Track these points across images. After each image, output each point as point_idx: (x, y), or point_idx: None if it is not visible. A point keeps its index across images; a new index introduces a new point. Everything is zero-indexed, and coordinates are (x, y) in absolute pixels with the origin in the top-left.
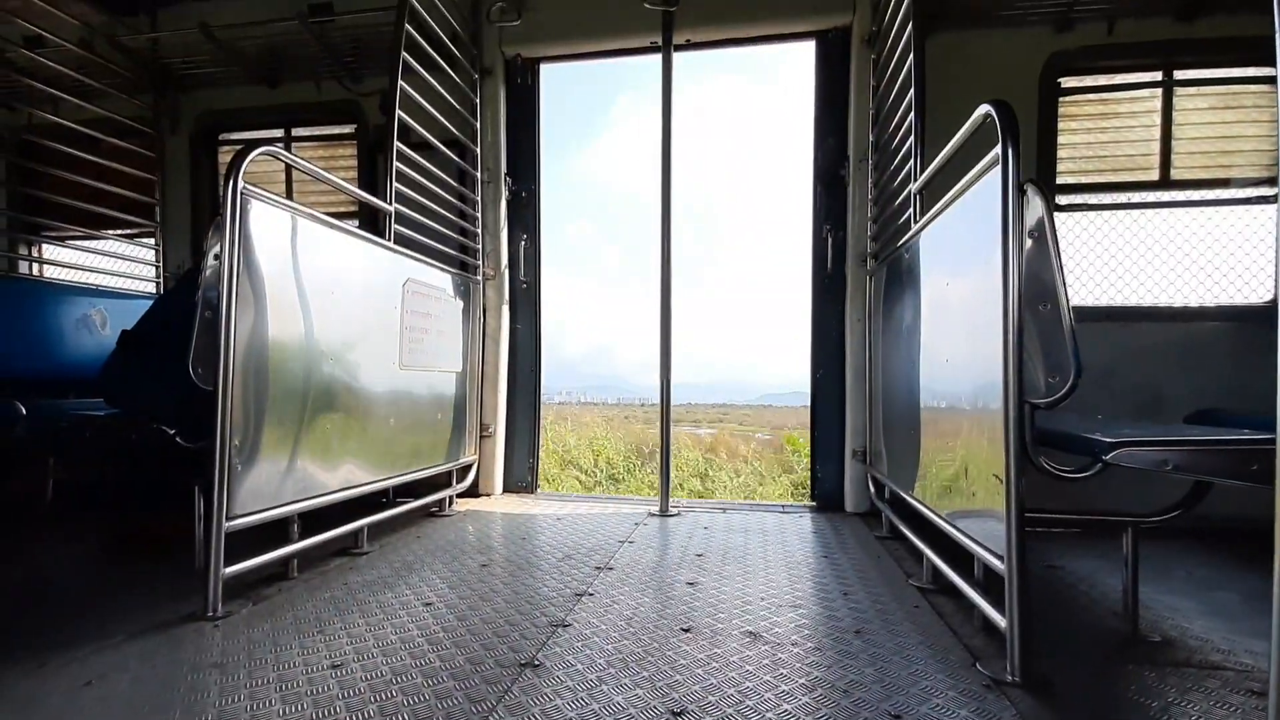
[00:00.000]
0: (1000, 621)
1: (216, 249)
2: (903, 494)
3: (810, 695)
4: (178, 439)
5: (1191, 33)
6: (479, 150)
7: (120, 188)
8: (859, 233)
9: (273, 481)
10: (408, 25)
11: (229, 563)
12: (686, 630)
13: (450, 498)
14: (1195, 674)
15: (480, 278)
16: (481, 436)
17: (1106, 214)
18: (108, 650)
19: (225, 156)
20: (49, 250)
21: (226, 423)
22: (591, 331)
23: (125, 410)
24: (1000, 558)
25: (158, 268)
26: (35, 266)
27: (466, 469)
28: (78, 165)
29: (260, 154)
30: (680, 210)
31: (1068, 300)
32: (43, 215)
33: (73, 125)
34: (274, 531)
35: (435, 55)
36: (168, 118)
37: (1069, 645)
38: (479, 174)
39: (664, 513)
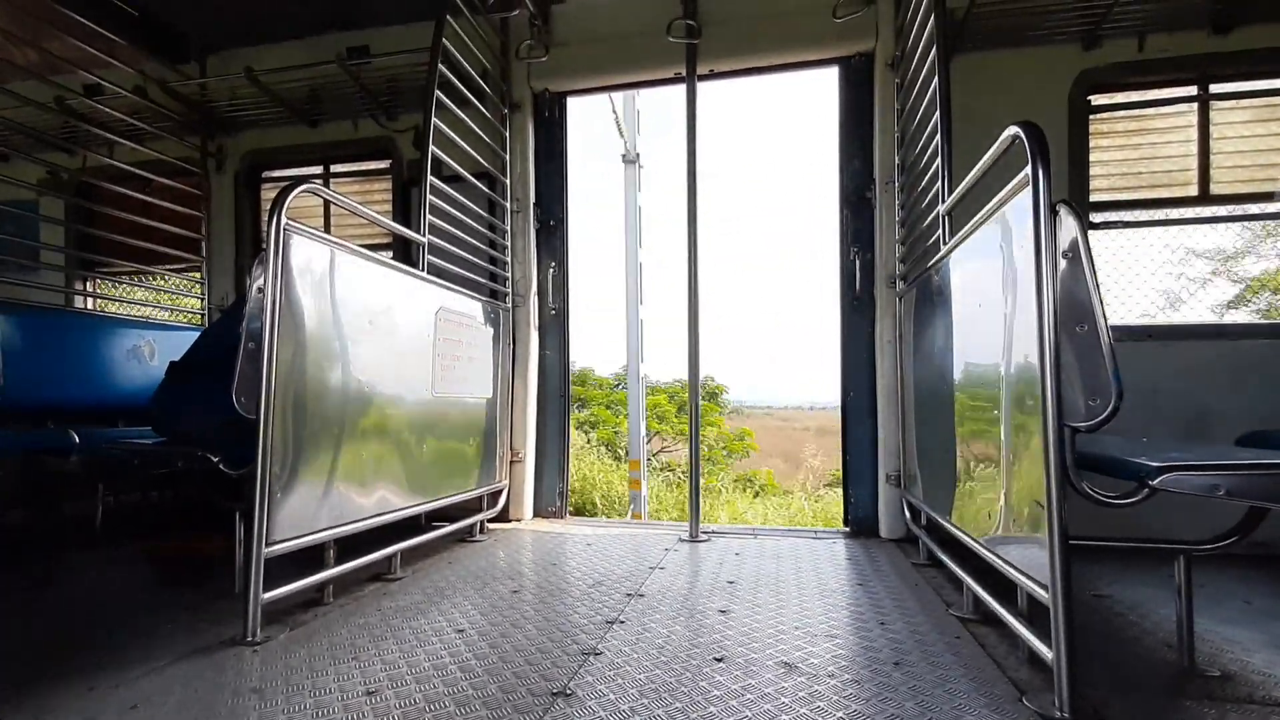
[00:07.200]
0: (1047, 653)
1: (260, 282)
2: (939, 519)
3: None
4: (221, 466)
5: (1226, 45)
6: (508, 181)
7: (169, 225)
8: (887, 254)
9: (310, 507)
10: (440, 65)
11: (268, 588)
12: (719, 660)
13: (481, 523)
14: (1259, 711)
15: (510, 305)
16: (512, 462)
17: (1145, 230)
18: (153, 674)
19: (267, 193)
20: (102, 285)
21: (267, 450)
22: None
23: (172, 438)
24: (1044, 586)
25: (204, 300)
26: (90, 301)
27: (497, 494)
28: (130, 204)
29: (301, 191)
30: (707, 232)
31: (1106, 321)
32: (97, 252)
33: (125, 167)
34: (311, 556)
35: (466, 92)
36: (214, 158)
37: (1120, 679)
38: (508, 204)
39: (694, 538)
